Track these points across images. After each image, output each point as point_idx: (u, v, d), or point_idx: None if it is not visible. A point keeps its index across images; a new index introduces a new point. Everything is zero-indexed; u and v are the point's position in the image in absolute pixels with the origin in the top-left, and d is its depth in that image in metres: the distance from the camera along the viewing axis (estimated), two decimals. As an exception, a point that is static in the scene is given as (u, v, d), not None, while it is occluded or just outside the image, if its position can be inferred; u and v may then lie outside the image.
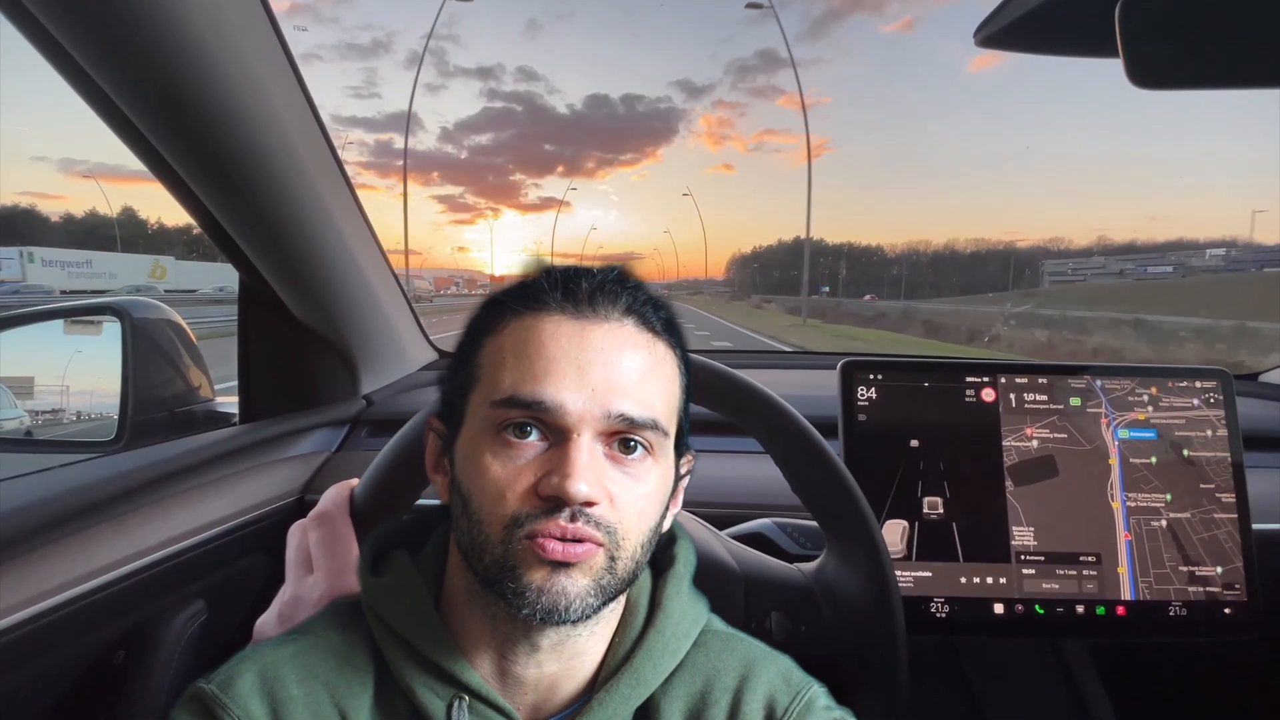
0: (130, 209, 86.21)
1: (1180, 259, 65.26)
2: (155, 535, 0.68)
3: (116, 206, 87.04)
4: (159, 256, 47.38)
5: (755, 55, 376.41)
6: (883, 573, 0.52)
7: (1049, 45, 0.54)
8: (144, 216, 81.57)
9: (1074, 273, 79.28)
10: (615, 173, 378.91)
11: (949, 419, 0.75)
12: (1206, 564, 0.72)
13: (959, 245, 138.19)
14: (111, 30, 0.55)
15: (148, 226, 77.10)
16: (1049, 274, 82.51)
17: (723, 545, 0.56)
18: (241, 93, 0.66)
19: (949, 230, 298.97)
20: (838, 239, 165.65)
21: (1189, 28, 0.43)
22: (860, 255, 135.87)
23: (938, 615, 0.71)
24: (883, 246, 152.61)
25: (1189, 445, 0.74)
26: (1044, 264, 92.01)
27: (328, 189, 0.84)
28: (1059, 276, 79.39)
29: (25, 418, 0.93)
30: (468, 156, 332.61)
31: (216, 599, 0.76)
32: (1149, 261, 68.11)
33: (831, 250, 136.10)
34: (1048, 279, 79.96)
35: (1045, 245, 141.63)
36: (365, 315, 0.99)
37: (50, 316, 0.94)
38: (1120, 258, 79.30)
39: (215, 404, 0.97)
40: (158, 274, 42.19)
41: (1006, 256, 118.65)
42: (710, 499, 0.84)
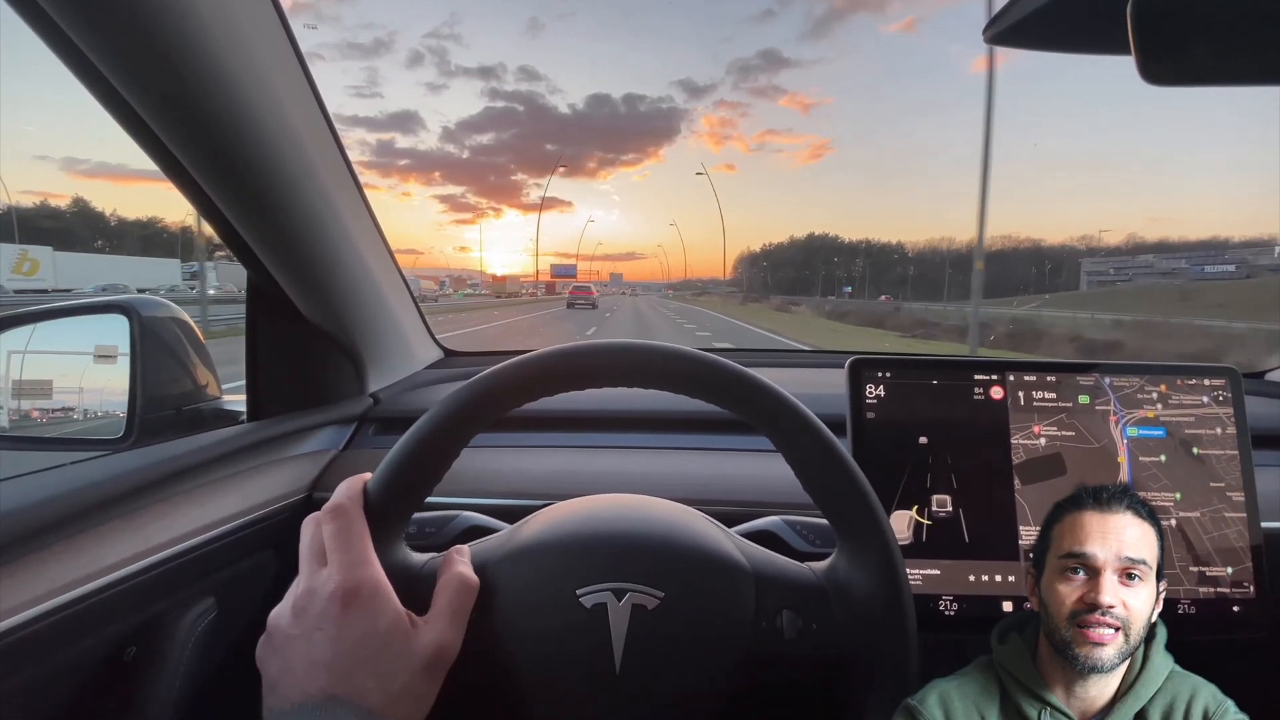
0: (83, 199, 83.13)
1: (1241, 255, 60.55)
2: (165, 532, 0.68)
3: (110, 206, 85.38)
4: (31, 246, 40.72)
5: (757, 55, 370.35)
6: (894, 571, 0.52)
7: (1059, 43, 0.54)
8: (100, 209, 78.22)
9: (1117, 272, 74.57)
10: (617, 172, 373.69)
11: (957, 416, 0.75)
12: (1216, 564, 0.71)
13: (986, 242, 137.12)
14: (123, 28, 0.55)
15: (106, 220, 74.11)
16: (1087, 273, 77.43)
17: (733, 543, 0.56)
18: (252, 91, 0.66)
19: (970, 227, 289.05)
20: (854, 235, 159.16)
21: (1202, 23, 0.43)
22: (877, 252, 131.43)
23: (947, 613, 0.71)
24: (903, 243, 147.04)
25: (1199, 443, 0.74)
26: (1082, 263, 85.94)
27: (337, 188, 0.84)
28: (1099, 276, 74.56)
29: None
30: (469, 156, 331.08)
31: (226, 596, 0.76)
32: (1205, 259, 63.66)
33: (848, 248, 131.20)
34: (1086, 279, 75.06)
35: (1073, 244, 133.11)
36: (373, 314, 1.00)
37: (56, 315, 0.94)
38: (1170, 255, 71.98)
39: (223, 402, 0.97)
40: (24, 268, 35.00)
41: (1038, 255, 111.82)
42: (720, 497, 0.84)
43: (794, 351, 1.30)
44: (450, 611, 0.48)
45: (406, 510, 0.52)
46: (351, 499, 0.49)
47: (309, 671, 0.43)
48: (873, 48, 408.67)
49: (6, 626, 0.52)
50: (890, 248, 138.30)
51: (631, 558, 0.52)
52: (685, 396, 0.53)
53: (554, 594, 0.50)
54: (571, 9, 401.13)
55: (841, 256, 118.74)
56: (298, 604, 0.46)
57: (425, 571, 0.52)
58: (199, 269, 30.47)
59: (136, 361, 0.86)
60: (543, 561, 0.52)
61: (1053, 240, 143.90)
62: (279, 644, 0.45)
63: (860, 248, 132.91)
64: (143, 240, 57.03)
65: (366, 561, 0.47)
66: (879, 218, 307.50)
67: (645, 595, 0.50)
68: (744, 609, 0.52)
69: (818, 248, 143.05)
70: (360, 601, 0.45)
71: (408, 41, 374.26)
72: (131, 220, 69.52)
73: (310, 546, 0.48)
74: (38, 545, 0.57)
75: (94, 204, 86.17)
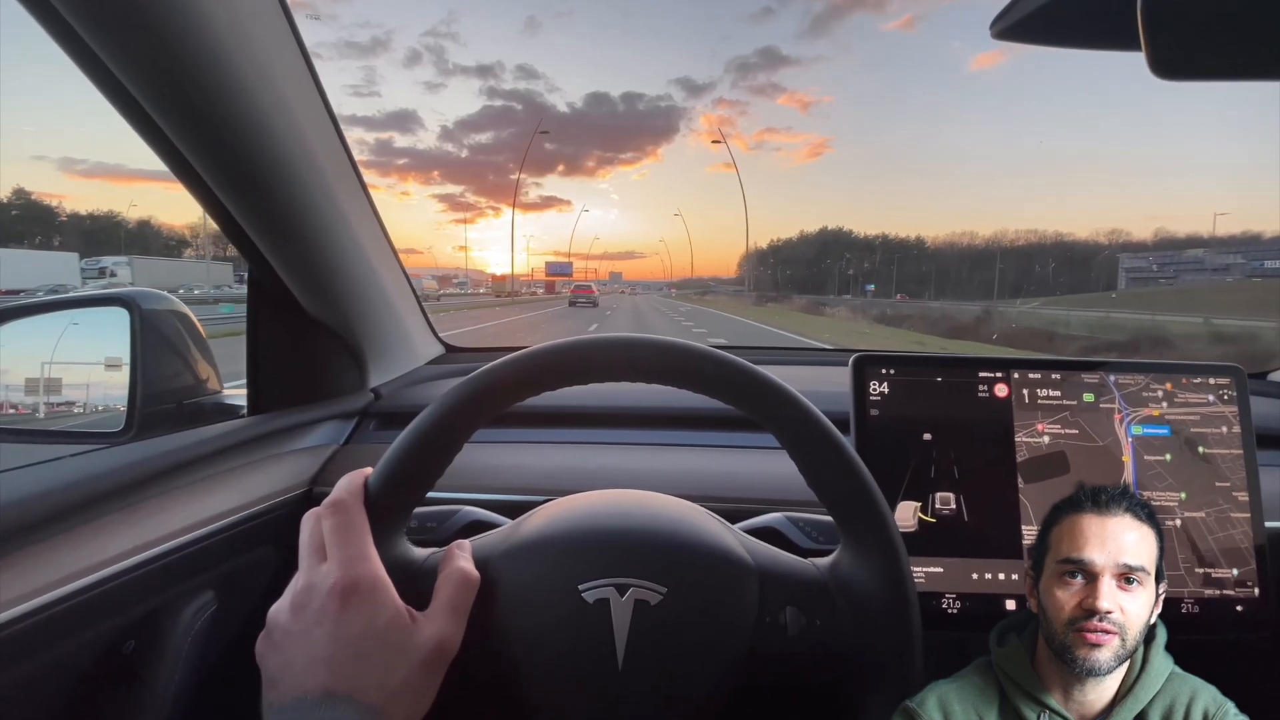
0: (22, 190, 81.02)
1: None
2: (164, 526, 0.68)
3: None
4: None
5: (756, 53, 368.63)
6: (899, 568, 0.51)
7: (1067, 38, 0.53)
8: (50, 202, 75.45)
9: (1159, 269, 68.43)
10: (616, 171, 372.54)
11: (961, 414, 0.74)
12: (1221, 564, 0.71)
13: (1008, 238, 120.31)
14: (129, 25, 0.55)
15: (55, 215, 71.47)
16: (1125, 269, 71.05)
17: (736, 539, 0.55)
18: (258, 87, 0.66)
19: (995, 220, 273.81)
20: (871, 229, 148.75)
21: (1213, 16, 0.43)
22: (896, 248, 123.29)
23: (950, 611, 0.71)
24: (923, 238, 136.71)
25: (1204, 442, 0.74)
26: (1120, 258, 77.56)
27: (340, 183, 0.84)
28: (1139, 273, 68.51)
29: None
30: (468, 155, 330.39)
31: (225, 590, 0.76)
32: (1264, 253, 56.64)
33: (862, 243, 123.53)
34: (1125, 276, 68.56)
35: (1100, 240, 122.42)
36: (375, 309, 0.99)
37: (56, 307, 0.94)
38: (1223, 250, 64.38)
39: (223, 396, 0.97)
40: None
41: (1068, 251, 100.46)
42: (723, 493, 0.84)
43: (798, 349, 1.30)
44: (450, 607, 0.48)
45: (407, 505, 0.52)
46: (352, 494, 0.49)
47: (308, 667, 0.43)
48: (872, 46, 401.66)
49: (5, 619, 0.52)
50: (909, 243, 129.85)
51: (634, 553, 0.51)
52: (689, 392, 0.53)
53: (556, 589, 0.50)
54: (569, 7, 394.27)
55: (856, 252, 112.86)
56: (297, 600, 0.45)
57: (426, 566, 0.51)
58: (104, 265, 29.68)
59: (136, 354, 0.86)
60: (545, 556, 0.52)
61: (1080, 235, 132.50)
62: (278, 639, 0.45)
63: (876, 243, 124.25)
64: (84, 236, 55.33)
65: (366, 557, 0.46)
66: (880, 213, 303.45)
67: (648, 590, 0.50)
68: (747, 605, 0.51)
69: (830, 243, 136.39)
70: (359, 597, 0.45)
71: (405, 40, 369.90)
72: (84, 214, 67.37)
73: (310, 542, 0.48)
74: (36, 538, 0.57)
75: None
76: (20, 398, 0.93)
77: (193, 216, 72.91)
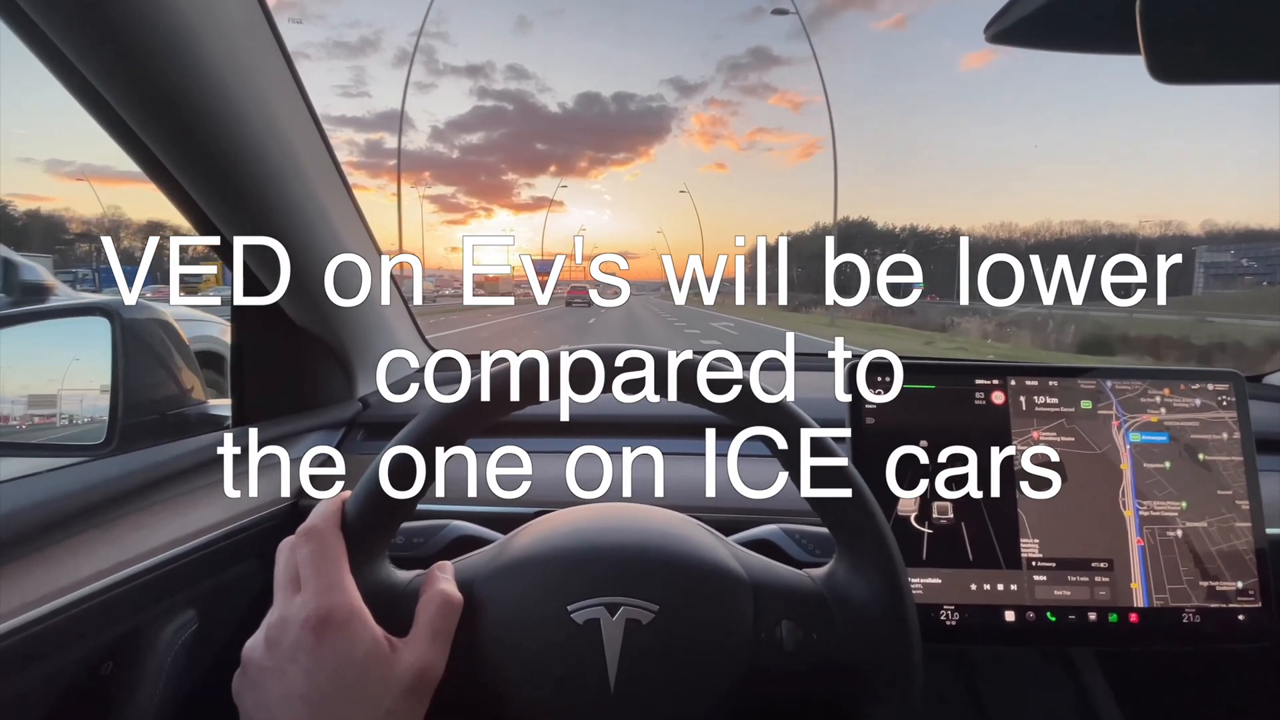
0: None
1: None
2: (145, 542, 0.66)
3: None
4: None
5: (747, 53, 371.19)
6: (897, 579, 0.50)
7: (1063, 41, 0.52)
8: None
9: (1246, 264, 54.44)
10: (608, 172, 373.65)
11: (958, 421, 0.73)
12: (1226, 578, 0.70)
13: (1054, 229, 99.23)
14: (103, 22, 0.53)
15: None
16: (1204, 264, 57.16)
17: (730, 552, 0.54)
18: (237, 88, 0.64)
19: (1038, 210, 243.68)
20: (899, 220, 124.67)
21: (1213, 19, 0.42)
22: (924, 240, 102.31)
23: (948, 623, 0.70)
24: (958, 229, 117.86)
25: (1204, 449, 0.73)
26: (1196, 251, 60.21)
27: (324, 188, 0.82)
28: (1220, 269, 55.33)
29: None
30: (459, 156, 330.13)
31: (207, 608, 0.74)
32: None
33: (889, 236, 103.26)
34: (1203, 273, 55.06)
35: (1147, 235, 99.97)
36: (362, 315, 0.98)
37: (34, 318, 0.92)
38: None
39: (208, 407, 0.95)
40: None
41: (1128, 243, 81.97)
42: (716, 505, 0.82)
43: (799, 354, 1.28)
44: (431, 632, 0.46)
45: (387, 529, 0.50)
46: (326, 520, 0.47)
47: (286, 705, 0.41)
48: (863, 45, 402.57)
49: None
50: (941, 235, 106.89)
51: (624, 570, 0.50)
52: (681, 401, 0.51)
53: (544, 610, 0.49)
54: (560, 6, 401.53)
55: (884, 246, 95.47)
56: (271, 634, 0.44)
57: (409, 590, 0.50)
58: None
59: (118, 365, 0.84)
60: (532, 577, 0.50)
61: (1129, 226, 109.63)
62: (254, 677, 0.43)
63: (905, 236, 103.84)
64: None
65: (341, 587, 0.45)
66: (878, 213, 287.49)
67: (639, 609, 0.48)
68: (742, 620, 0.50)
69: (854, 235, 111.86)
70: (334, 628, 0.43)
71: (395, 40, 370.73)
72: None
73: (284, 573, 0.46)
74: (8, 557, 0.55)
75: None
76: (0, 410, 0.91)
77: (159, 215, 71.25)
